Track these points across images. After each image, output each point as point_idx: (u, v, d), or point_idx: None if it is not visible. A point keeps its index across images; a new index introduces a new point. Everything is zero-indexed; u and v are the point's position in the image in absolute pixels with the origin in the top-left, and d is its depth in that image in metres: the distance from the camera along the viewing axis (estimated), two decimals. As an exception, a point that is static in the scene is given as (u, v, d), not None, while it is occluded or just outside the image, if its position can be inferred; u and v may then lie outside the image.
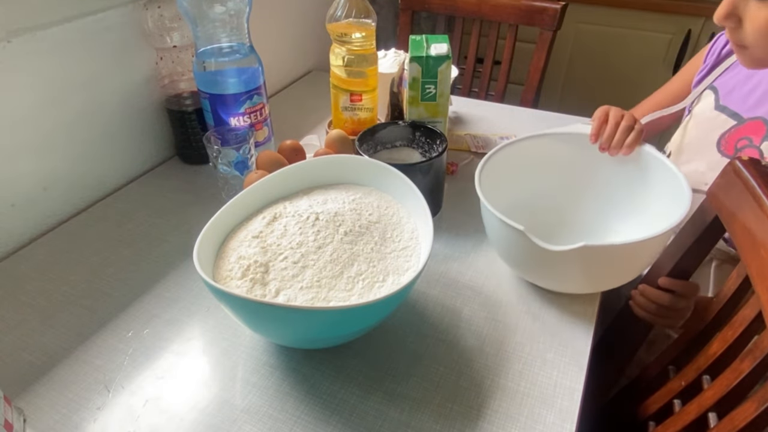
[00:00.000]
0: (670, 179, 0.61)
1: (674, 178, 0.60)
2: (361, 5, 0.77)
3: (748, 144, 0.70)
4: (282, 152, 0.73)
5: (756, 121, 0.70)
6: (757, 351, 0.46)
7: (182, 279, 0.65)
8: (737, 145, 0.71)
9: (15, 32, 0.65)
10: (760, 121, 0.69)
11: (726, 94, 0.75)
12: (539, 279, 0.62)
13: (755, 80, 0.72)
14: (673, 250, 0.62)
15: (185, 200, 0.80)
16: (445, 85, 0.77)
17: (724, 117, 0.73)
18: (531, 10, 1.21)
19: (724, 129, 0.72)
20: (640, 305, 0.66)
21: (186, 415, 0.50)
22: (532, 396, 0.51)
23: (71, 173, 0.76)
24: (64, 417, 0.49)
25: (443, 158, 0.70)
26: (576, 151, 0.70)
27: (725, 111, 0.74)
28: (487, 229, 0.63)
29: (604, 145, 0.68)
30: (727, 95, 0.75)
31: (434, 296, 0.63)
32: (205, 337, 0.58)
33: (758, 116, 0.70)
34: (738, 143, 0.71)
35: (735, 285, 0.55)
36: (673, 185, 0.60)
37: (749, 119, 0.70)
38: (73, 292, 0.63)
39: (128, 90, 0.82)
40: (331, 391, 0.52)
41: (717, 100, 0.75)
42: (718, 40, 0.80)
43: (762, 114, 0.69)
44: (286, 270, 0.51)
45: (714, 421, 0.49)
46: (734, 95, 0.74)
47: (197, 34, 0.75)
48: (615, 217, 0.69)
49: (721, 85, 0.76)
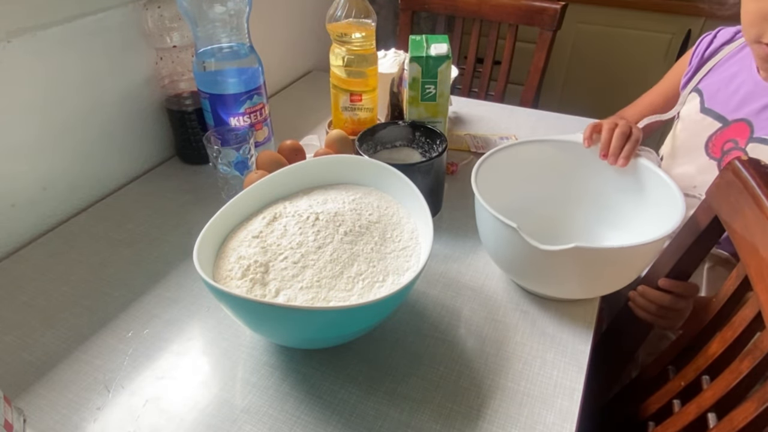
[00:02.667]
0: (663, 189, 0.61)
1: (668, 189, 0.60)
2: (361, 5, 0.77)
3: (734, 146, 0.70)
4: (282, 152, 0.73)
5: (740, 123, 0.70)
6: (756, 351, 0.46)
7: (182, 279, 0.65)
8: (723, 147, 0.71)
9: (15, 32, 0.65)
10: (744, 122, 0.69)
11: (710, 96, 0.75)
12: (531, 282, 0.62)
13: (737, 82, 0.72)
14: (672, 250, 0.62)
15: (185, 200, 0.80)
16: (445, 85, 0.77)
17: (709, 120, 0.73)
18: (531, 10, 1.21)
19: (710, 131, 0.73)
20: (640, 306, 0.66)
21: (186, 415, 0.50)
22: (532, 396, 0.51)
23: (71, 173, 0.76)
24: (64, 417, 0.49)
25: (443, 158, 0.70)
26: (573, 159, 0.70)
27: (710, 114, 0.74)
28: (479, 228, 0.62)
29: (603, 152, 0.67)
30: (711, 98, 0.75)
31: (434, 296, 0.63)
32: (205, 337, 0.58)
33: (741, 118, 0.70)
34: (724, 146, 0.71)
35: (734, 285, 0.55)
36: (666, 195, 0.60)
37: (733, 121, 0.71)
38: (73, 292, 0.63)
39: (128, 90, 0.82)
40: (331, 391, 0.52)
41: (702, 102, 0.76)
42: (702, 42, 0.80)
43: (745, 115, 0.70)
44: (286, 270, 0.51)
45: (713, 421, 0.49)
46: (719, 97, 0.74)
47: (197, 34, 0.75)
48: (609, 226, 0.69)
49: (706, 88, 0.76)
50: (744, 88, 0.71)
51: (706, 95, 0.76)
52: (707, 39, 0.79)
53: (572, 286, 0.59)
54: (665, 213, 0.58)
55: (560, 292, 0.61)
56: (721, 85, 0.74)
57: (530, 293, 0.63)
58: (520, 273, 0.61)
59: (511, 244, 0.56)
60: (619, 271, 0.57)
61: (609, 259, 0.54)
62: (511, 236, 0.54)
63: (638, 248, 0.53)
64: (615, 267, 0.56)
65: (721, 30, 0.79)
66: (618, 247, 0.52)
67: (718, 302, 0.56)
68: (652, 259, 0.59)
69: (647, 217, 0.64)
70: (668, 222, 0.55)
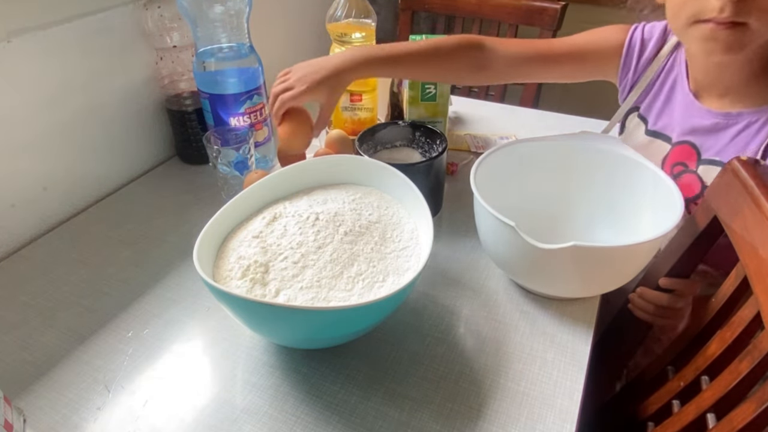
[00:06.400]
0: (662, 189, 0.61)
1: (666, 188, 0.60)
2: (361, 5, 0.77)
3: (684, 170, 0.66)
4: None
5: (683, 145, 0.67)
6: (755, 352, 0.46)
7: (182, 279, 0.65)
8: (673, 170, 0.68)
9: (15, 32, 0.65)
10: (688, 145, 0.66)
11: (653, 117, 0.71)
12: (530, 281, 0.62)
13: (675, 101, 0.68)
14: (671, 251, 0.63)
15: (185, 200, 0.80)
16: (445, 85, 0.77)
17: (658, 142, 0.70)
18: (531, 10, 1.22)
19: (663, 154, 0.70)
20: (639, 307, 0.66)
21: (186, 415, 0.50)
22: (532, 396, 0.52)
23: (71, 173, 0.76)
24: (64, 417, 0.49)
25: (443, 158, 0.70)
26: (572, 158, 0.69)
27: (658, 136, 0.70)
28: (479, 228, 0.62)
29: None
30: (654, 118, 0.71)
31: (434, 296, 0.63)
32: (205, 337, 0.58)
33: (685, 140, 0.67)
34: (673, 169, 0.68)
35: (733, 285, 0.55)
36: (665, 195, 0.60)
37: (676, 143, 0.68)
38: (73, 292, 0.63)
39: (128, 90, 0.82)
40: (331, 391, 0.52)
41: (646, 124, 0.72)
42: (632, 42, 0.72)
43: (688, 137, 0.66)
44: (286, 270, 0.51)
45: (713, 421, 0.49)
46: (662, 118, 0.70)
47: (197, 34, 0.75)
48: (607, 225, 0.69)
49: (646, 109, 0.72)
50: (681, 106, 0.67)
51: (649, 116, 0.72)
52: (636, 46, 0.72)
53: (571, 284, 0.59)
54: (663, 212, 0.58)
55: (559, 290, 0.61)
56: (661, 104, 0.70)
57: (530, 293, 0.63)
58: (519, 272, 0.62)
59: (509, 243, 0.56)
60: (617, 270, 0.57)
61: (607, 257, 0.54)
62: (510, 235, 0.54)
63: (636, 247, 0.53)
64: (613, 265, 0.56)
65: (647, 27, 0.72)
66: (616, 246, 0.52)
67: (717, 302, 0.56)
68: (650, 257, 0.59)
69: (646, 217, 0.64)
70: (666, 221, 0.55)
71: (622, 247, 0.52)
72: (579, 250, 0.51)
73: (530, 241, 0.52)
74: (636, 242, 0.52)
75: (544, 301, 0.62)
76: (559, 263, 0.55)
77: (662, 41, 0.71)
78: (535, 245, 0.52)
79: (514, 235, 0.54)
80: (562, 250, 0.51)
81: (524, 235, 0.53)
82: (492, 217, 0.55)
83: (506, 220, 0.54)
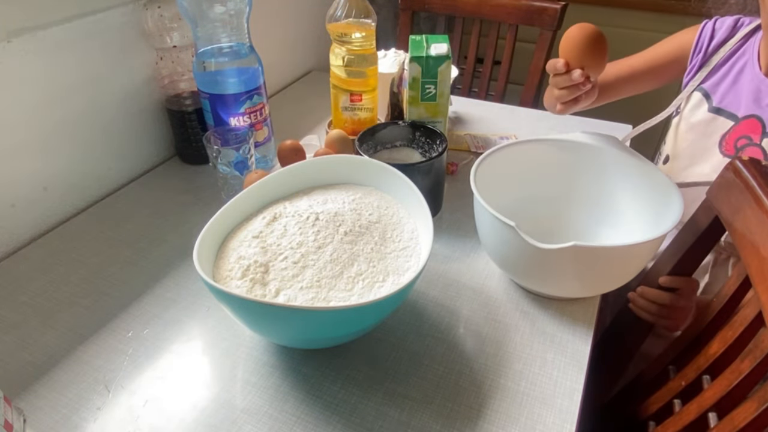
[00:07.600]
0: (662, 188, 0.61)
1: (666, 188, 0.60)
2: (361, 5, 0.77)
3: (749, 143, 0.70)
4: (282, 152, 0.73)
5: (750, 119, 0.70)
6: (757, 351, 0.46)
7: (182, 279, 0.65)
8: (737, 144, 0.71)
9: (15, 32, 0.65)
10: (755, 119, 0.70)
11: (718, 95, 0.75)
12: (530, 281, 0.62)
13: (744, 80, 0.72)
14: (673, 251, 0.62)
15: (185, 200, 0.80)
16: (445, 85, 0.76)
17: (721, 119, 0.73)
18: (531, 10, 1.21)
19: (723, 130, 0.72)
20: (640, 307, 0.66)
21: (186, 415, 0.50)
22: (532, 396, 0.51)
23: (71, 173, 0.76)
24: (64, 417, 0.49)
25: (443, 158, 0.70)
26: (572, 158, 0.69)
27: (721, 113, 0.74)
28: (479, 228, 0.62)
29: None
30: (719, 97, 0.75)
31: (434, 296, 0.63)
32: (205, 337, 0.58)
33: (752, 114, 0.70)
34: (737, 142, 0.71)
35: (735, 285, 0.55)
36: (665, 194, 0.60)
37: (743, 118, 0.71)
38: (73, 292, 0.63)
39: (128, 90, 0.82)
40: (331, 391, 0.52)
41: (710, 102, 0.75)
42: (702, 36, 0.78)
43: (755, 112, 0.70)
44: (286, 270, 0.51)
45: (714, 421, 0.49)
46: (728, 96, 0.74)
47: (197, 34, 0.75)
48: (607, 225, 0.69)
49: (712, 87, 0.76)
50: (750, 85, 0.71)
51: (715, 95, 0.75)
52: (707, 34, 0.78)
53: (571, 284, 0.59)
54: (663, 212, 0.58)
55: (559, 290, 0.61)
56: (728, 84, 0.74)
57: (530, 293, 0.63)
58: (519, 272, 0.61)
59: (509, 243, 0.56)
60: (617, 270, 0.57)
61: (607, 257, 0.54)
62: (510, 235, 0.54)
63: (636, 247, 0.53)
64: (613, 265, 0.56)
65: (718, 20, 0.79)
66: (616, 246, 0.52)
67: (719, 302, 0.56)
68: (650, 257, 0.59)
69: (646, 216, 0.64)
70: (666, 221, 0.55)
71: (622, 247, 0.52)
72: (579, 250, 0.51)
73: (530, 241, 0.52)
74: (636, 242, 0.52)
75: (544, 301, 0.62)
76: (559, 263, 0.55)
77: (732, 30, 0.77)
78: (535, 245, 0.52)
79: (514, 235, 0.53)
80: (562, 250, 0.51)
81: (524, 235, 0.53)
82: (492, 217, 0.55)
83: (506, 220, 0.54)
